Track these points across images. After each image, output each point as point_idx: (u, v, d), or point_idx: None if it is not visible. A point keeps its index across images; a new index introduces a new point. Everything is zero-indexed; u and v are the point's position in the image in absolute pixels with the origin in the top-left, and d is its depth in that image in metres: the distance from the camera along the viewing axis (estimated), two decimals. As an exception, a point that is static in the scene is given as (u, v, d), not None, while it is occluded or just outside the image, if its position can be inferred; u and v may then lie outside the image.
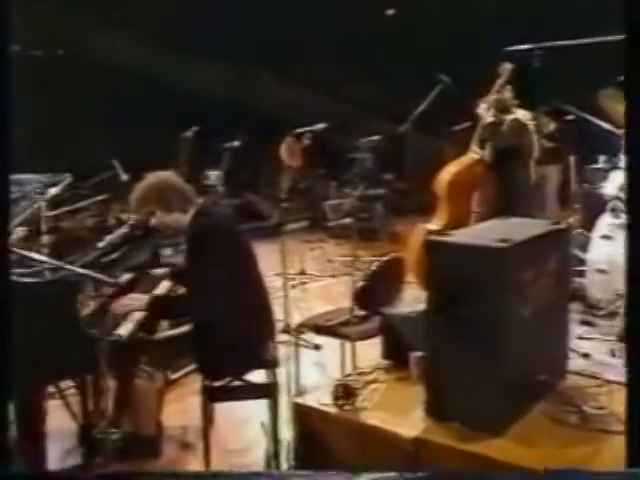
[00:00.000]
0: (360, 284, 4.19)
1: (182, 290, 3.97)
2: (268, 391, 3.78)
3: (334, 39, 10.15)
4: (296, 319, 6.09)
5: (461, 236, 3.46)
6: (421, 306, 3.78)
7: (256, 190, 10.42)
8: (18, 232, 3.70)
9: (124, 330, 3.52)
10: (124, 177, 6.04)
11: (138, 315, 3.72)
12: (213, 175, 9.14)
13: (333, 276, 7.47)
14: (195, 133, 7.62)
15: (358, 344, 4.15)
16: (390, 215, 8.96)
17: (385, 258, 4.28)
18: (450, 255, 3.35)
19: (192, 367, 3.92)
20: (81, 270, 3.23)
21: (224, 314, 3.70)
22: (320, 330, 4.36)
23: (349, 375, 3.85)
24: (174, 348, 3.89)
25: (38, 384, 3.27)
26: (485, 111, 6.08)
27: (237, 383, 3.77)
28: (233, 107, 9.75)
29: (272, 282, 6.96)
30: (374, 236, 8.66)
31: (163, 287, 4.10)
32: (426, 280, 3.49)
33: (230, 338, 3.70)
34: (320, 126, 5.96)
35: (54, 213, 4.39)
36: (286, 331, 5.81)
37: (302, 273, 7.25)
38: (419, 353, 3.79)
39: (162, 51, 10.13)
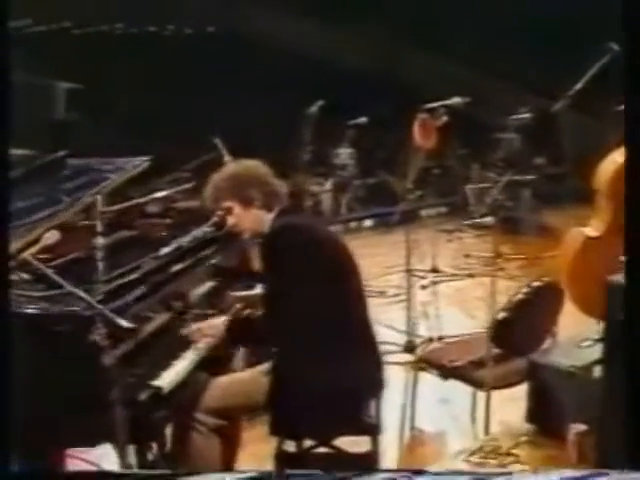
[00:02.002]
0: (501, 315, 2.95)
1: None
2: (365, 464, 2.63)
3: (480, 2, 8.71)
4: (422, 331, 4.91)
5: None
6: (586, 355, 2.53)
7: (392, 170, 9.20)
8: (50, 236, 2.69)
9: (166, 380, 2.45)
10: (227, 159, 5.00)
11: (191, 355, 2.66)
12: (344, 153, 8.02)
13: (471, 276, 6.15)
14: (321, 108, 6.51)
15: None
16: (539, 205, 7.49)
17: (536, 283, 2.99)
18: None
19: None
20: (94, 303, 2.18)
21: (308, 349, 2.63)
22: (444, 371, 3.15)
23: (477, 451, 2.63)
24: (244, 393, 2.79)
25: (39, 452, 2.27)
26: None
27: (323, 450, 2.66)
28: (366, 79, 8.53)
29: (398, 280, 5.85)
30: (520, 229, 7.23)
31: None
32: (605, 330, 2.23)
33: (316, 385, 2.61)
34: (458, 100, 4.67)
35: (118, 207, 3.39)
36: (408, 349, 4.64)
37: (434, 270, 5.99)
38: (581, 426, 2.53)
39: (297, 18, 9.05)
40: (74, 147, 4.31)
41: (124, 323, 2.13)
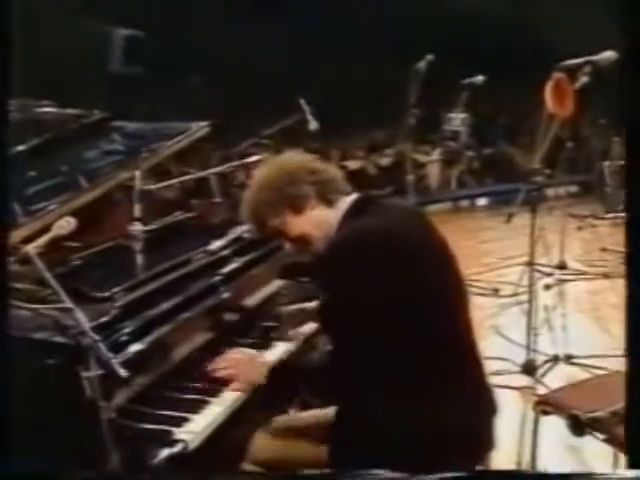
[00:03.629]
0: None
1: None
2: None
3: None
4: (544, 346, 4.28)
5: None
6: None
7: (513, 139, 8.50)
8: (64, 225, 2.24)
9: (193, 430, 1.95)
10: (314, 125, 4.49)
11: (232, 396, 2.16)
12: (457, 118, 7.37)
13: (606, 276, 5.43)
14: (430, 63, 5.88)
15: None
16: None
17: None
18: None
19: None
20: (88, 330, 1.70)
21: (384, 390, 2.10)
22: (578, 424, 2.54)
23: None
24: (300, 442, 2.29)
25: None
26: None
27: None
28: (486, 28, 7.82)
29: (516, 275, 5.21)
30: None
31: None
32: None
33: (395, 437, 2.08)
34: (608, 55, 3.95)
35: (162, 185, 2.91)
36: (527, 370, 4.02)
37: (561, 267, 5.31)
38: None
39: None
40: (128, 107, 3.92)
41: (121, 371, 1.63)
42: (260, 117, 5.02)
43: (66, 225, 2.26)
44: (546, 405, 2.78)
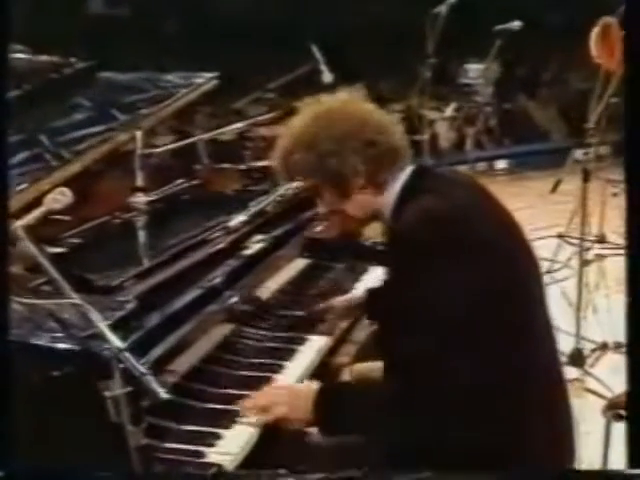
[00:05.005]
0: None
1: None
2: None
3: None
4: (587, 331, 4.07)
5: None
6: None
7: (534, 93, 8.29)
8: (58, 197, 1.99)
9: (228, 450, 1.73)
10: (328, 77, 4.26)
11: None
12: (473, 70, 7.14)
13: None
14: (451, 7, 5.66)
15: None
16: None
17: None
18: None
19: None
20: (110, 335, 1.47)
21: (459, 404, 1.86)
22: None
23: None
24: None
25: None
26: None
27: None
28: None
29: (548, 249, 4.98)
30: None
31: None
32: None
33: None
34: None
35: (168, 148, 2.66)
36: (574, 360, 3.80)
37: (601, 240, 5.10)
38: None
39: None
40: (114, 54, 3.68)
41: (161, 392, 1.40)
42: (259, 68, 4.80)
43: (61, 198, 2.01)
44: (619, 409, 2.59)
